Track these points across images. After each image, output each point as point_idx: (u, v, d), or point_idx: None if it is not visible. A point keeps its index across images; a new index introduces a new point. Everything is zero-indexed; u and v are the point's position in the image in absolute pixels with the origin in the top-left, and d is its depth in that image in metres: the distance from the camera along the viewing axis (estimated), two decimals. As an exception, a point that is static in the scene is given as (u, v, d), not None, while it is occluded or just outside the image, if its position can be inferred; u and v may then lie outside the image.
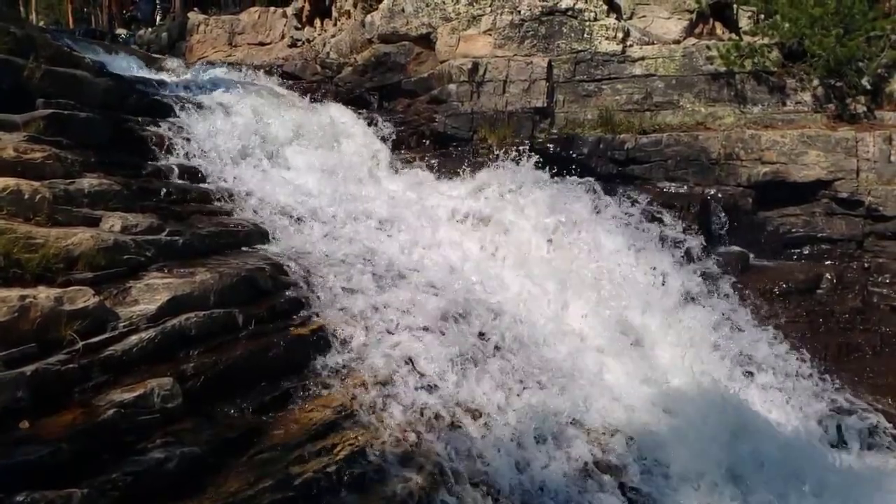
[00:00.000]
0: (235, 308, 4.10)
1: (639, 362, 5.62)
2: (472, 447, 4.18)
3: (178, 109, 6.77)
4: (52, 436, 2.87)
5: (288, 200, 6.02)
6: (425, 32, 9.46)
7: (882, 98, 8.53)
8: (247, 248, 5.08)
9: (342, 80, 9.94)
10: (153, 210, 4.80)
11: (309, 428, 3.75)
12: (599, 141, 8.60)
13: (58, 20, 29.22)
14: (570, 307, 6.05)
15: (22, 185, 3.97)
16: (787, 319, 7.06)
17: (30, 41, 5.76)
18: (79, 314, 3.36)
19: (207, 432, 3.39)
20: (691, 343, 6.03)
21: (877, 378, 6.63)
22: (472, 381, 4.64)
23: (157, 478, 3.00)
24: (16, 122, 4.87)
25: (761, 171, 8.18)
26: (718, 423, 5.07)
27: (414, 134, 8.89)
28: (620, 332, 5.89)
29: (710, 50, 8.74)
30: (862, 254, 7.89)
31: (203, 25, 15.06)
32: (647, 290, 6.38)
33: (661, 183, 8.44)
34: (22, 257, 3.50)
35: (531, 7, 9.05)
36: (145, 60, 9.69)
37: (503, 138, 8.57)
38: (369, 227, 6.22)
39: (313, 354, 4.31)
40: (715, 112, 8.74)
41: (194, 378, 3.57)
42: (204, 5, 18.44)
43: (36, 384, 3.00)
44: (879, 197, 7.71)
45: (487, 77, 8.91)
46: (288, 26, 13.49)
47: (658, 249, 6.95)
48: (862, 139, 7.86)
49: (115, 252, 3.94)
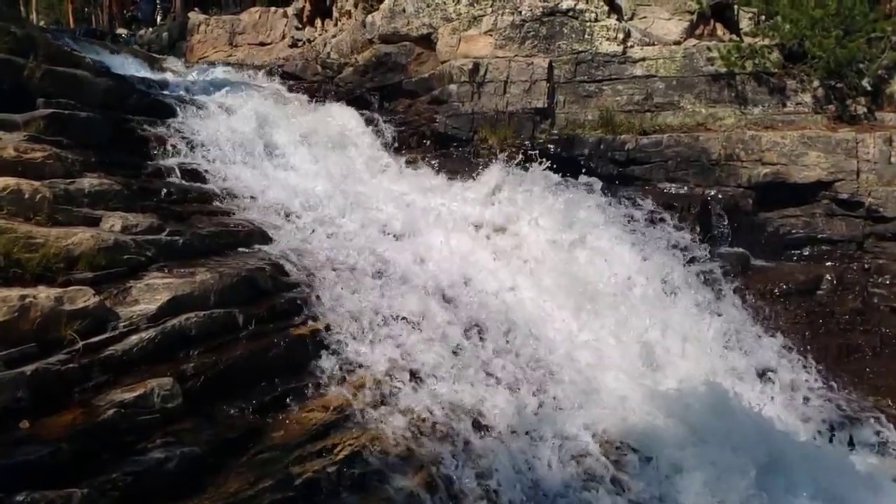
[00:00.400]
0: (236, 308, 4.09)
1: (650, 375, 5.61)
2: (471, 448, 4.18)
3: (179, 110, 6.76)
4: (52, 436, 2.86)
5: (289, 201, 6.01)
6: (426, 33, 9.46)
7: (882, 99, 8.54)
8: (247, 248, 5.06)
9: (343, 80, 9.93)
10: (153, 210, 4.79)
11: (309, 428, 3.76)
12: (600, 142, 8.60)
13: (58, 20, 29.21)
14: (584, 327, 5.97)
15: (22, 184, 3.96)
16: (787, 320, 7.07)
17: (30, 41, 5.75)
18: (79, 314, 3.36)
19: (207, 432, 3.39)
20: (700, 350, 6.03)
21: (877, 379, 6.64)
22: (472, 384, 4.64)
23: (158, 478, 3.00)
24: (16, 122, 4.86)
25: (762, 171, 8.19)
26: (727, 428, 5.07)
27: (414, 134, 8.89)
28: (638, 354, 5.85)
29: (711, 51, 8.75)
30: (862, 255, 7.90)
31: (203, 25, 15.06)
32: (663, 307, 6.31)
33: (662, 184, 8.45)
34: (22, 257, 3.49)
35: (532, 8, 9.05)
36: (146, 60, 9.68)
37: (504, 139, 8.58)
38: (373, 230, 6.20)
39: (313, 355, 4.31)
40: (715, 113, 8.75)
41: (194, 378, 3.56)
42: (204, 5, 18.43)
43: (36, 384, 2.99)
44: (880, 198, 7.72)
45: (488, 77, 8.92)
46: (288, 26, 13.49)
47: (671, 259, 6.94)
48: (862, 140, 7.87)
49: (116, 252, 3.93)
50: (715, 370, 5.94)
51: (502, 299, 5.88)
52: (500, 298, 5.87)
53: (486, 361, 4.95)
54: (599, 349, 5.68)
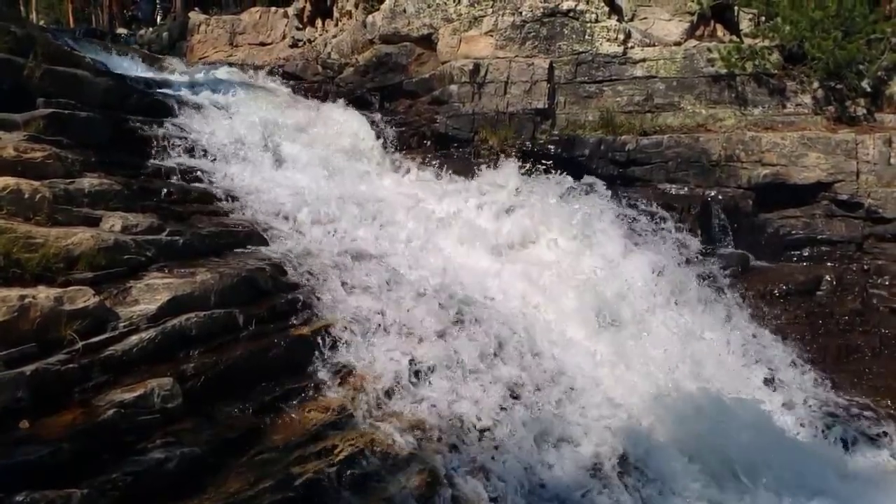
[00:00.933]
0: (236, 308, 4.10)
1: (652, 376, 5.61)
2: (473, 451, 4.18)
3: (179, 110, 6.77)
4: (52, 436, 2.87)
5: (291, 202, 5.99)
6: (427, 33, 9.46)
7: (882, 100, 8.54)
8: (247, 248, 5.05)
9: (343, 80, 9.93)
10: (154, 210, 4.79)
11: (309, 428, 3.76)
12: (600, 142, 8.61)
13: (58, 20, 29.19)
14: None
15: (22, 184, 3.96)
16: (787, 321, 7.07)
17: (30, 40, 5.75)
18: (79, 314, 3.36)
19: (208, 432, 3.39)
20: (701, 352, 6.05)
21: (876, 380, 6.63)
22: (475, 386, 4.64)
23: (158, 478, 3.00)
24: (16, 122, 4.87)
25: (761, 172, 8.19)
26: (724, 428, 5.07)
27: (415, 135, 8.89)
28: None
29: (711, 52, 8.75)
30: (862, 256, 7.90)
31: (204, 25, 15.06)
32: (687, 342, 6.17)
33: (662, 184, 8.46)
34: (22, 257, 3.49)
35: (532, 8, 9.05)
36: (146, 60, 9.68)
37: (504, 139, 8.59)
38: (373, 230, 6.20)
39: (314, 355, 4.31)
40: (715, 114, 8.75)
41: (194, 378, 3.57)
42: (205, 5, 18.42)
43: (36, 384, 3.00)
44: (879, 199, 7.72)
45: (489, 78, 8.92)
46: (289, 26, 13.49)
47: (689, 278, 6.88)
48: (862, 141, 7.88)
49: (116, 252, 3.94)
50: (715, 374, 5.93)
51: (506, 305, 5.86)
52: (504, 304, 5.86)
53: (490, 364, 4.93)
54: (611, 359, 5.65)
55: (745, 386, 5.98)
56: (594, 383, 5.21)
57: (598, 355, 5.57)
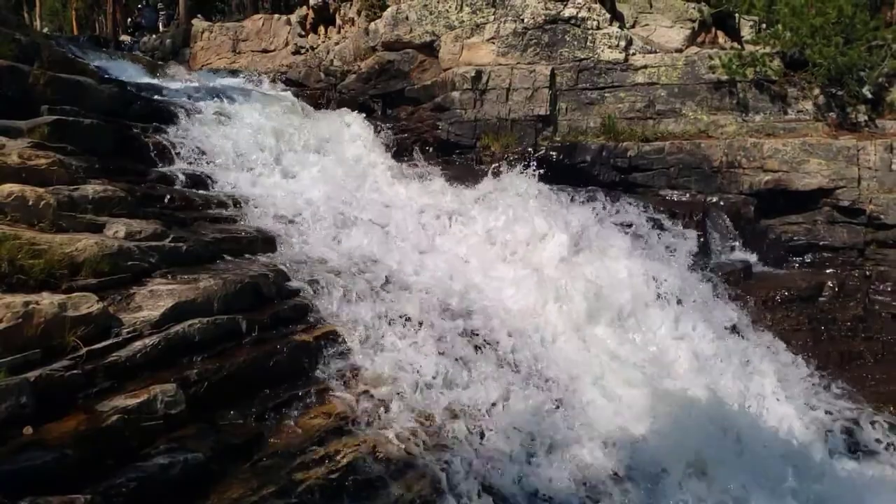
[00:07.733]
0: (239, 315, 4.11)
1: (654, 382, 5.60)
2: (474, 454, 4.18)
3: (183, 116, 6.80)
4: (55, 442, 2.87)
5: (294, 209, 6.01)
6: (429, 40, 9.51)
7: (883, 107, 8.57)
8: (251, 255, 5.07)
9: (346, 87, 9.98)
10: (157, 216, 4.82)
11: (311, 435, 3.76)
12: (602, 149, 8.63)
13: (62, 27, 29.37)
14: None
15: (26, 191, 3.98)
16: (789, 327, 7.06)
17: (35, 48, 5.79)
18: (82, 320, 3.36)
19: (211, 438, 3.40)
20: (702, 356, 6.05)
21: (878, 385, 6.63)
22: (476, 391, 4.64)
23: (161, 484, 3.00)
24: (20, 129, 4.89)
25: (763, 179, 8.21)
26: (723, 435, 5.07)
27: (417, 141, 8.93)
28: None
29: (713, 59, 8.78)
30: (863, 262, 7.92)
31: (207, 32, 15.13)
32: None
33: (664, 191, 8.49)
34: (26, 263, 3.50)
35: (534, 16, 9.09)
36: (149, 67, 9.74)
37: (506, 146, 8.62)
38: (376, 236, 6.21)
39: (316, 361, 4.32)
40: (717, 120, 8.77)
41: (198, 384, 3.57)
42: (208, 12, 18.51)
43: (40, 390, 3.00)
44: (881, 205, 7.73)
45: (490, 85, 8.95)
46: (292, 34, 13.55)
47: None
48: (863, 148, 7.90)
49: (119, 258, 3.95)
50: (715, 380, 5.93)
51: (511, 309, 5.86)
52: (508, 309, 5.86)
53: (491, 369, 4.94)
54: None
55: (746, 392, 5.96)
56: (590, 389, 5.21)
57: (596, 359, 5.57)
